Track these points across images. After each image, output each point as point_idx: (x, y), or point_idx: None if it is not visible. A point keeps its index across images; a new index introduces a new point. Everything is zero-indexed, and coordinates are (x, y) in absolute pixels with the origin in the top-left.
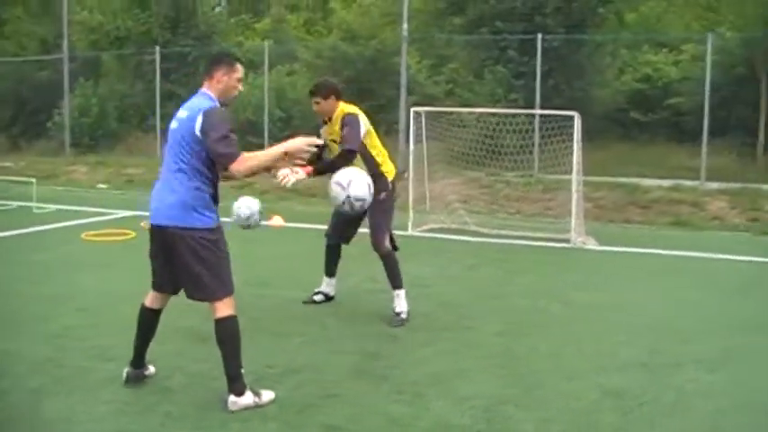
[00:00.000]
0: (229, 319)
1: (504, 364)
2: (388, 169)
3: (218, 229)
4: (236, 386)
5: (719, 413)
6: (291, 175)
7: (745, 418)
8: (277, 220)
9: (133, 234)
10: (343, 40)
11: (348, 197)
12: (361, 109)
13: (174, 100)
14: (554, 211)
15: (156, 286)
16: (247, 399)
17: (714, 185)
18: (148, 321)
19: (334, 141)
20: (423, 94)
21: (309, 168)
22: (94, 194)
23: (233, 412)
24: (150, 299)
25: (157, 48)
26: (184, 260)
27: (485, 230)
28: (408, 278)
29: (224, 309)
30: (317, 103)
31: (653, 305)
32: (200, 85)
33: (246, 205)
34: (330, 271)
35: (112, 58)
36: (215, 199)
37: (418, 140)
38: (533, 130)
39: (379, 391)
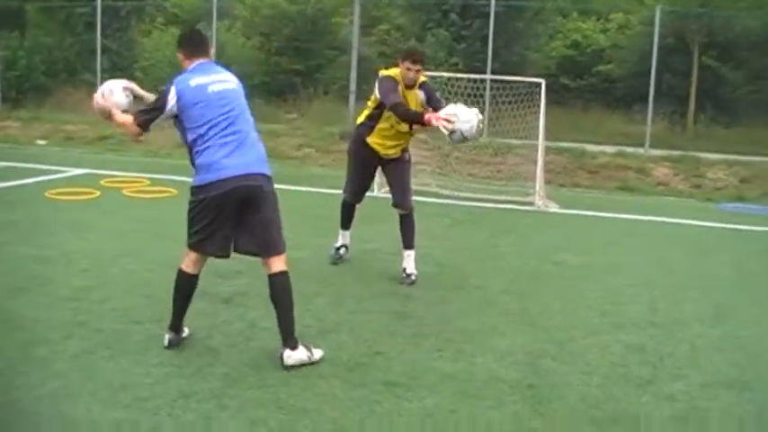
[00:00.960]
0: (286, 274)
1: (526, 320)
2: None
3: None
4: (292, 341)
5: (736, 365)
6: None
7: (761, 369)
8: None
9: (98, 193)
10: None
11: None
12: (301, 68)
13: (107, 54)
14: (503, 174)
15: (210, 248)
16: (301, 353)
17: (657, 152)
18: (191, 287)
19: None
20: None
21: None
22: (36, 151)
23: (289, 367)
24: (192, 263)
25: (98, 0)
26: (266, 213)
27: (446, 192)
28: (394, 239)
29: (282, 263)
30: (419, 70)
31: (636, 266)
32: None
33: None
34: (347, 225)
35: (36, 9)
36: None
37: None
38: (482, 95)
39: (420, 349)
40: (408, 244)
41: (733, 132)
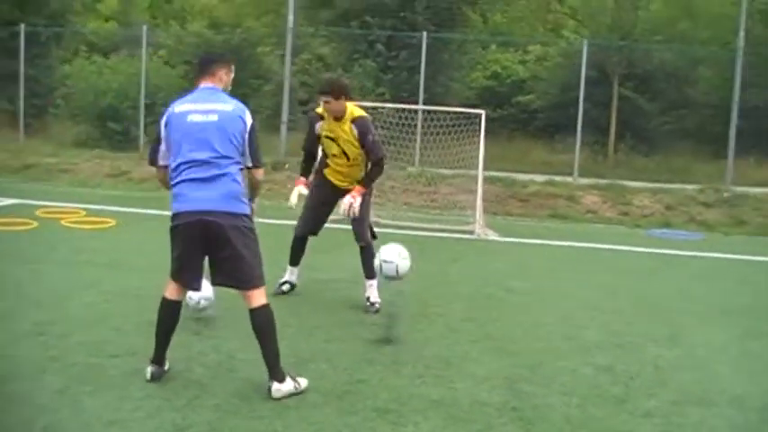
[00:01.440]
0: (267, 307)
1: (493, 346)
2: None
3: (251, 218)
4: (278, 373)
5: (699, 383)
6: (293, 197)
7: (723, 386)
8: None
9: (35, 224)
10: (208, 27)
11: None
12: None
13: (26, 80)
14: (438, 203)
15: (183, 277)
16: (288, 385)
17: (585, 181)
18: (174, 315)
19: (330, 138)
20: (279, 84)
21: (303, 179)
22: None
23: (279, 399)
24: (174, 290)
25: (22, 26)
26: (233, 250)
27: (385, 221)
28: (347, 269)
29: (261, 297)
30: (328, 102)
31: (582, 291)
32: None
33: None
34: (296, 261)
35: None
36: None
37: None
38: (414, 125)
39: (401, 376)
40: (370, 274)
41: (651, 161)
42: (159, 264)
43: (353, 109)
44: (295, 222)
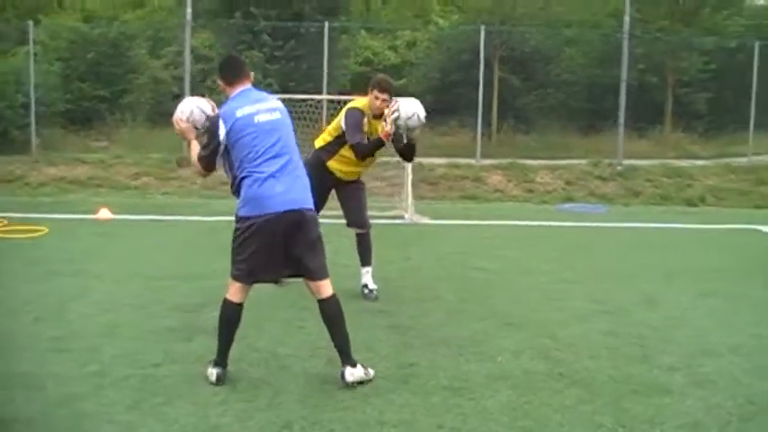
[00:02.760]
0: (335, 296)
1: (503, 323)
2: None
3: None
4: (350, 359)
5: (695, 338)
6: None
7: (716, 338)
8: (104, 213)
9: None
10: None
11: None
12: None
13: None
14: None
15: (257, 275)
16: (360, 371)
17: (488, 162)
18: (238, 317)
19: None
20: (151, 77)
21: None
22: None
23: (350, 384)
24: (239, 294)
25: None
26: (312, 242)
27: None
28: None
29: (329, 288)
30: (386, 100)
31: (543, 266)
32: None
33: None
34: None
35: None
36: None
37: None
38: (319, 113)
39: (443, 356)
40: (367, 261)
41: (531, 139)
42: (125, 270)
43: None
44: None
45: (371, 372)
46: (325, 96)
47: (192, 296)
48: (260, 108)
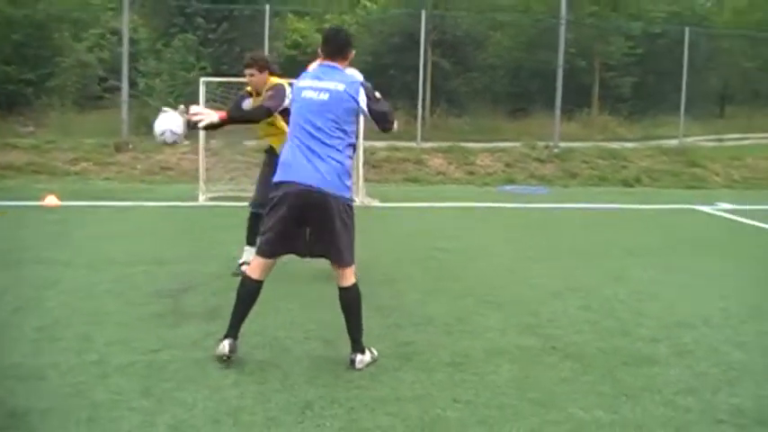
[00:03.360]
0: (355, 287)
1: (483, 300)
2: None
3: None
4: (361, 346)
5: (666, 310)
6: (206, 117)
7: (686, 310)
8: (51, 200)
9: None
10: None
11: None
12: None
13: None
14: None
15: (277, 248)
16: (367, 356)
17: (428, 144)
18: (255, 294)
19: None
20: (77, 60)
21: (224, 114)
22: None
23: (360, 370)
24: (259, 270)
25: None
26: (333, 226)
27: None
28: None
29: (351, 277)
30: (252, 75)
31: (503, 246)
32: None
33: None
34: (254, 240)
35: None
36: None
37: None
38: None
39: (436, 334)
40: None
41: (464, 122)
42: (93, 256)
43: (273, 80)
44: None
45: (376, 352)
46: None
47: (169, 281)
48: (315, 85)
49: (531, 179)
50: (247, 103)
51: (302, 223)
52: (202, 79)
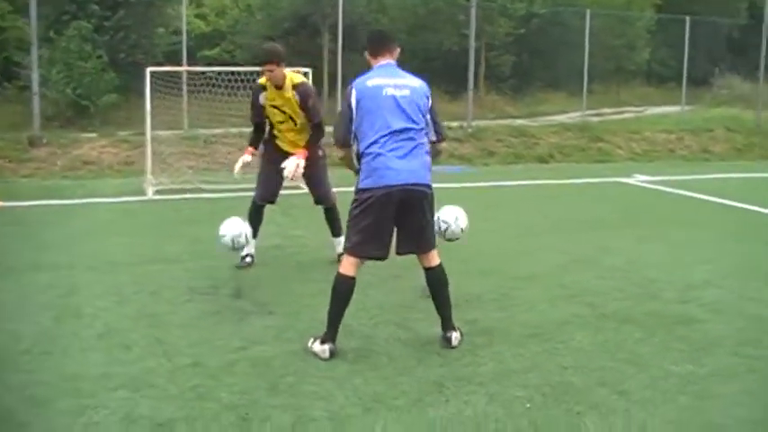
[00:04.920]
0: (441, 266)
1: (514, 279)
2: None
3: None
4: (452, 323)
5: (669, 275)
6: (238, 165)
7: (655, 285)
8: None
9: None
10: None
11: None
12: None
13: None
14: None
15: (370, 250)
16: (458, 332)
17: None
18: (352, 291)
19: (275, 107)
20: None
21: (251, 149)
22: None
23: (455, 347)
24: (352, 268)
25: None
26: (424, 217)
27: (224, 187)
28: (278, 239)
29: (436, 258)
30: (272, 71)
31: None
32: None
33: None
34: (255, 232)
35: None
36: None
37: None
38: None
39: (479, 308)
40: (337, 232)
41: None
42: (91, 258)
43: (293, 75)
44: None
45: (461, 329)
46: (206, 68)
47: (192, 279)
48: (391, 82)
49: (451, 159)
50: (263, 97)
51: (395, 222)
52: (149, 69)
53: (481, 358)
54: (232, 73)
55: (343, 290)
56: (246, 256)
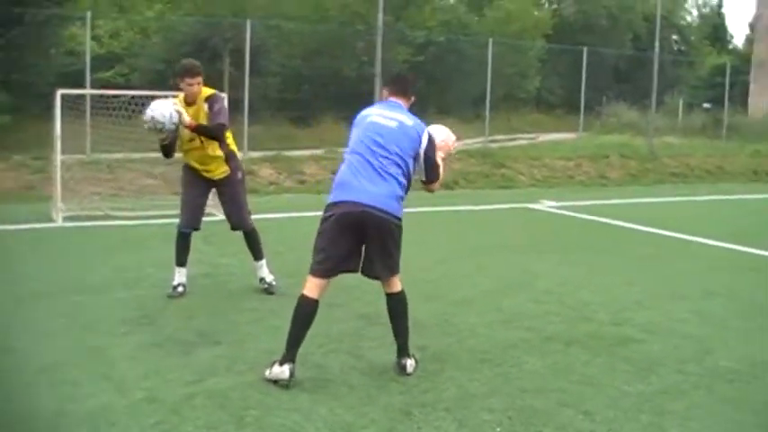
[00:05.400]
0: (404, 291)
1: (452, 305)
2: (236, 149)
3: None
4: (408, 350)
5: (599, 296)
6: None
7: (610, 298)
8: None
9: None
10: None
11: (152, 118)
12: None
13: None
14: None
15: (331, 268)
16: (413, 360)
17: (256, 154)
18: (313, 314)
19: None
20: None
21: (193, 122)
22: None
23: (410, 374)
24: (316, 289)
25: None
26: (385, 243)
27: (133, 214)
28: (205, 267)
29: (399, 282)
30: (195, 84)
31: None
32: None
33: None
34: (183, 261)
35: None
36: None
37: None
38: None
39: (430, 334)
40: (258, 256)
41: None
42: (94, 282)
43: (205, 89)
44: None
45: (416, 356)
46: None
47: (126, 309)
48: (382, 113)
49: None
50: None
51: (360, 242)
52: (60, 91)
53: (440, 384)
54: (139, 96)
55: (303, 313)
56: (178, 285)
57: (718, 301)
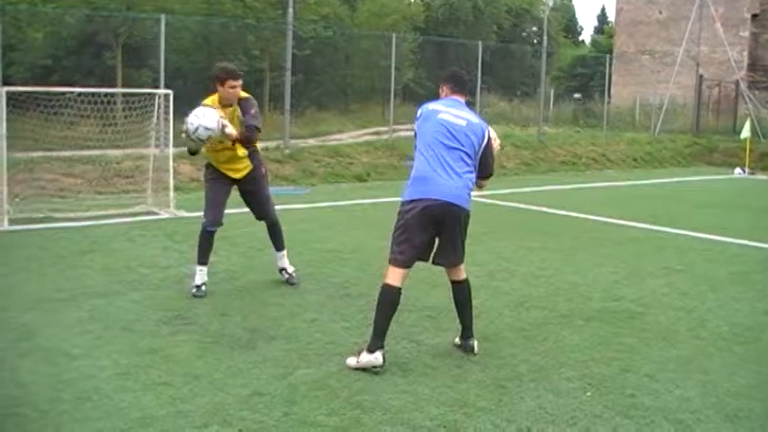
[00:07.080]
0: (467, 281)
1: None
2: (258, 146)
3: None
4: (472, 332)
5: (583, 277)
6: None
7: (589, 280)
8: None
9: None
10: None
11: (198, 127)
12: None
13: None
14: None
15: (409, 259)
16: (476, 340)
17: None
18: (398, 301)
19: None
20: None
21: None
22: None
23: (476, 354)
24: (399, 278)
25: None
26: (456, 234)
27: (75, 215)
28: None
29: (463, 272)
30: (238, 87)
31: (376, 242)
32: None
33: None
34: (206, 260)
35: None
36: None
37: None
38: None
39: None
40: (281, 246)
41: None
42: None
43: (240, 92)
44: None
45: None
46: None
47: (152, 309)
48: (451, 111)
49: (277, 179)
50: None
51: (435, 234)
52: (5, 89)
53: (508, 360)
54: (62, 93)
55: (388, 300)
56: (202, 285)
57: (680, 276)
